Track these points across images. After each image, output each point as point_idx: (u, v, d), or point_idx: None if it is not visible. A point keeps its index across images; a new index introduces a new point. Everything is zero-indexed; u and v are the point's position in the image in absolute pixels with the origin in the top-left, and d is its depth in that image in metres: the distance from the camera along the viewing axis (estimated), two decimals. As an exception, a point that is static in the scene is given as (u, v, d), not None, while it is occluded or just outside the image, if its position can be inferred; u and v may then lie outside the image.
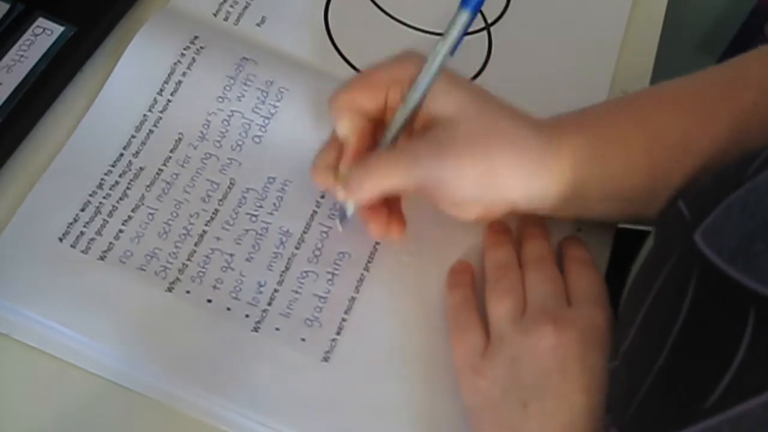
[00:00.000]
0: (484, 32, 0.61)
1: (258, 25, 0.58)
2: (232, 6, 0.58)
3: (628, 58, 0.61)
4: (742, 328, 0.34)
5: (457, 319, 0.48)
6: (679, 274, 0.40)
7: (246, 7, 0.59)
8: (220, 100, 0.54)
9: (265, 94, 0.54)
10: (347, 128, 0.47)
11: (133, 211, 0.50)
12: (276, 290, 0.49)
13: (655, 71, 0.61)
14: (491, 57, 0.60)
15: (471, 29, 0.60)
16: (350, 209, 0.49)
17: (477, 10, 0.45)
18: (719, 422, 0.34)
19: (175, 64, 0.54)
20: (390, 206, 0.49)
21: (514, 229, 0.52)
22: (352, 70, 0.57)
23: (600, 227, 0.53)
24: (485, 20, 0.61)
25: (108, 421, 0.46)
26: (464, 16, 0.46)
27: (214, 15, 0.58)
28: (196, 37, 0.55)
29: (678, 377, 0.37)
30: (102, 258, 0.48)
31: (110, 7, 0.57)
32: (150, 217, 0.50)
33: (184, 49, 0.54)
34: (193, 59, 0.54)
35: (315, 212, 0.51)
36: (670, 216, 0.44)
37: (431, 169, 0.46)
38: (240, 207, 0.51)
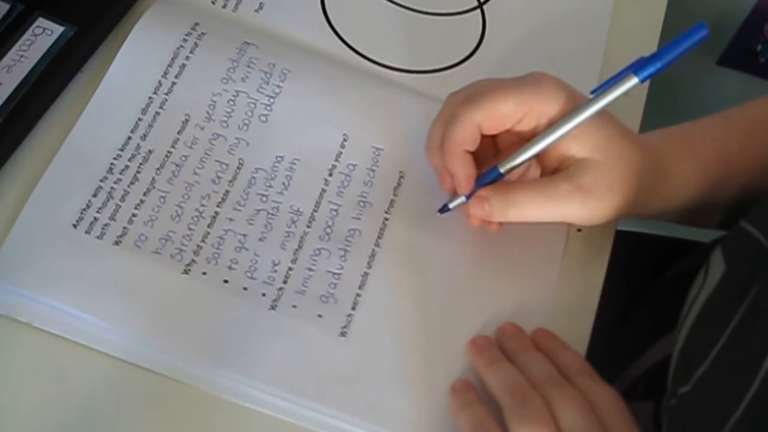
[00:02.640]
0: (478, 11, 0.62)
1: (256, 11, 0.59)
2: (230, -8, 0.59)
3: (629, 57, 0.62)
4: None
5: None
6: (765, 304, 0.40)
7: (243, -7, 0.59)
8: (225, 81, 0.54)
9: (268, 75, 0.54)
10: (468, 139, 0.49)
11: (144, 194, 0.50)
12: (290, 268, 0.50)
13: None
14: (485, 36, 0.61)
15: (463, 8, 0.62)
16: (455, 203, 0.50)
17: (645, 80, 0.47)
18: None
19: (177, 48, 0.54)
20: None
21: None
22: (352, 52, 0.58)
23: (600, 228, 0.54)
24: (478, 0, 0.62)
25: (131, 402, 0.46)
26: (632, 81, 0.47)
27: (213, 2, 0.58)
28: (197, 24, 0.55)
29: None
30: (117, 243, 0.49)
31: (110, 7, 0.57)
32: (162, 200, 0.50)
33: (186, 35, 0.55)
34: (196, 44, 0.55)
35: (324, 190, 0.52)
36: (740, 241, 0.45)
37: (576, 210, 0.49)
38: (250, 187, 0.52)
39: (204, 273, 0.49)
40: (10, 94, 0.52)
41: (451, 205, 0.50)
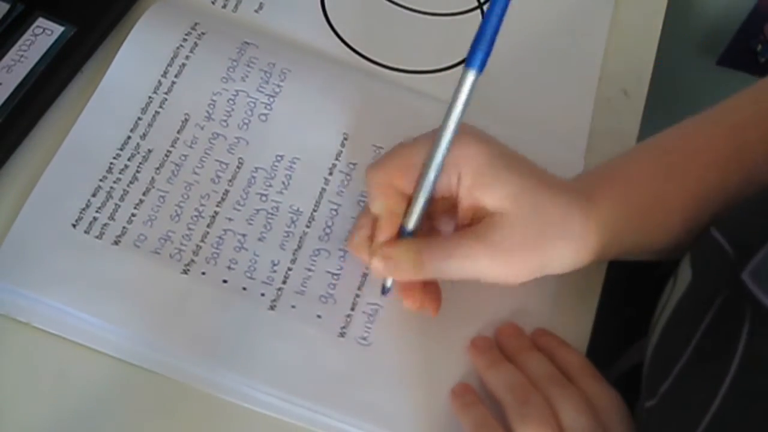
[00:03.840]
0: (478, 11, 0.62)
1: (256, 11, 0.58)
2: (230, -7, 0.59)
3: (629, 58, 0.62)
4: None
5: None
6: (728, 317, 0.39)
7: (243, -6, 0.59)
8: (224, 80, 0.54)
9: (268, 75, 0.54)
10: (381, 207, 0.46)
11: (144, 194, 0.50)
12: (290, 269, 0.49)
13: (655, 71, 0.62)
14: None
15: (463, 9, 0.62)
16: (389, 281, 0.49)
17: (483, 68, 0.42)
18: None
19: (177, 48, 0.54)
20: (425, 283, 0.49)
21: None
22: (352, 52, 0.58)
23: None
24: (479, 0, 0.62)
25: (130, 402, 0.46)
26: (470, 76, 0.43)
27: (212, 2, 0.58)
28: (196, 24, 0.55)
29: (736, 426, 0.36)
30: (116, 243, 0.48)
31: (110, 7, 0.57)
32: (161, 199, 0.50)
33: (186, 34, 0.55)
34: (195, 44, 0.55)
35: (324, 189, 0.52)
36: (707, 249, 0.43)
37: (483, 268, 0.45)
38: (250, 187, 0.51)
39: (203, 273, 0.49)
40: (10, 94, 0.52)
41: (387, 284, 0.49)
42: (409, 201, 0.46)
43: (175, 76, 0.54)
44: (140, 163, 0.51)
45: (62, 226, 0.49)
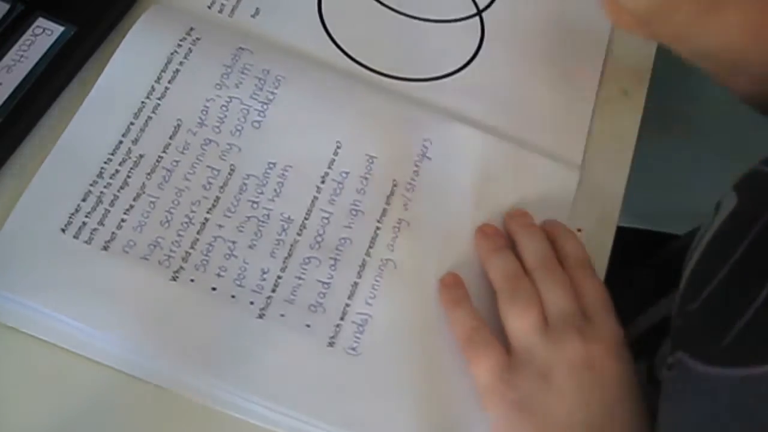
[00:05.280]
0: (476, 18, 0.61)
1: (252, 16, 0.58)
2: (225, -1, 0.59)
3: (629, 58, 0.62)
4: None
5: (471, 337, 0.49)
6: None
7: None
8: (218, 87, 0.54)
9: (262, 82, 0.54)
10: None
11: (134, 199, 0.50)
12: (279, 277, 0.49)
13: (654, 70, 0.62)
14: (483, 43, 0.60)
15: (463, 15, 0.61)
16: None
17: None
18: None
19: (171, 54, 0.54)
20: None
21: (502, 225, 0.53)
22: (348, 60, 0.57)
23: (600, 227, 0.54)
24: (477, 6, 0.62)
25: (117, 409, 0.46)
26: None
27: (209, 7, 0.58)
28: (191, 29, 0.55)
29: None
30: (105, 248, 0.48)
31: (110, 7, 0.56)
32: (152, 205, 0.50)
33: (181, 40, 0.55)
34: (190, 50, 0.54)
35: (315, 198, 0.52)
36: (755, 179, 0.46)
37: None
38: (241, 194, 0.51)
39: (192, 280, 0.48)
40: (10, 94, 0.52)
41: None
42: None
43: (169, 82, 0.53)
44: (131, 168, 0.51)
45: (51, 231, 0.48)
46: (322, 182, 0.52)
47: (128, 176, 0.51)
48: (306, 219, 0.51)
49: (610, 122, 0.59)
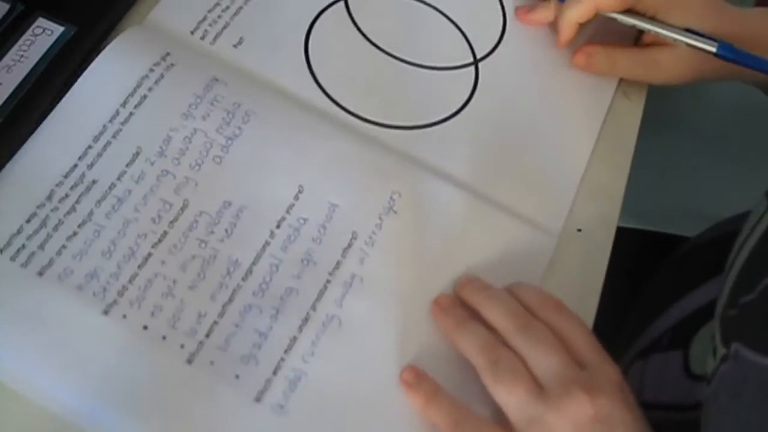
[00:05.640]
0: (472, 67, 0.59)
1: (235, 46, 0.56)
2: (210, 25, 0.57)
3: None
4: None
5: (459, 427, 0.46)
6: None
7: (225, 27, 0.57)
8: (185, 117, 0.52)
9: (231, 116, 0.52)
10: None
11: (79, 226, 0.48)
12: (216, 322, 0.47)
13: None
14: (475, 94, 0.58)
15: (459, 63, 0.59)
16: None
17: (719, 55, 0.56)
18: None
19: (142, 78, 0.53)
20: None
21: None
22: (327, 99, 0.55)
23: (600, 227, 0.54)
24: (474, 55, 0.59)
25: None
26: (710, 47, 0.56)
27: (192, 33, 0.56)
28: (168, 54, 0.54)
29: None
30: (40, 274, 0.47)
31: (110, 7, 0.56)
32: (96, 234, 0.48)
33: (154, 64, 0.53)
34: (162, 75, 0.53)
35: (267, 243, 0.50)
36: None
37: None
38: (190, 231, 0.49)
39: (124, 316, 0.46)
40: (10, 94, 0.52)
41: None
42: None
43: (135, 107, 0.52)
44: (82, 194, 0.49)
45: (-12, 251, 0.47)
46: (277, 227, 0.50)
47: (77, 202, 0.49)
48: (254, 264, 0.49)
49: (610, 122, 0.59)
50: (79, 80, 0.52)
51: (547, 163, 0.57)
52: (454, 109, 0.57)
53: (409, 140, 0.55)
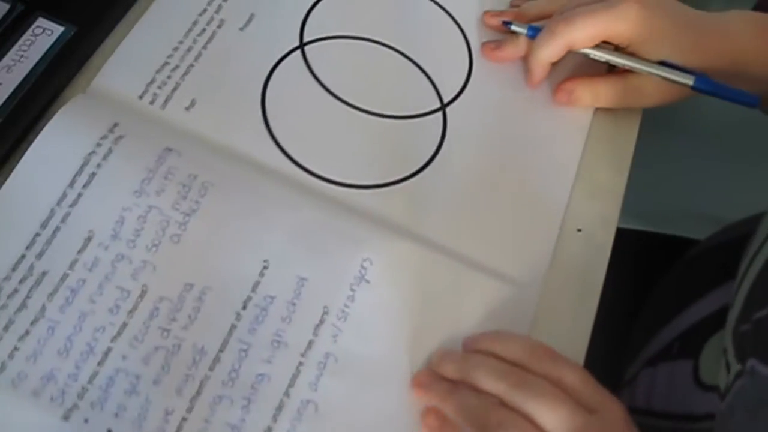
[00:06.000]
0: (440, 113, 0.56)
1: (187, 108, 0.53)
2: (159, 87, 0.53)
3: None
4: None
5: None
6: None
7: (175, 89, 0.53)
8: (137, 194, 0.49)
9: (187, 189, 0.49)
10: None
11: (31, 324, 0.45)
12: (185, 419, 0.44)
13: None
14: (445, 139, 0.55)
15: (425, 110, 0.56)
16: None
17: (695, 89, 0.55)
18: None
19: (89, 154, 0.49)
20: None
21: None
22: (289, 162, 0.52)
23: (600, 227, 0.54)
24: (441, 100, 0.56)
25: None
26: (688, 81, 0.55)
27: (140, 97, 0.53)
28: (115, 125, 0.50)
29: None
30: (-8, 380, 0.44)
31: (110, 7, 0.56)
32: (50, 331, 0.45)
33: (101, 138, 0.50)
34: (110, 149, 0.49)
35: (234, 326, 0.47)
36: None
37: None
38: (151, 320, 0.46)
39: (86, 420, 0.44)
40: (10, 94, 0.51)
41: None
42: None
43: (83, 187, 0.48)
44: (32, 288, 0.46)
45: (-68, 360, 0.44)
46: (244, 308, 0.47)
47: (27, 297, 0.46)
48: (221, 351, 0.46)
49: (610, 122, 0.59)
50: (22, 161, 0.49)
51: (524, 208, 0.54)
52: (423, 161, 0.54)
53: (378, 199, 0.52)
